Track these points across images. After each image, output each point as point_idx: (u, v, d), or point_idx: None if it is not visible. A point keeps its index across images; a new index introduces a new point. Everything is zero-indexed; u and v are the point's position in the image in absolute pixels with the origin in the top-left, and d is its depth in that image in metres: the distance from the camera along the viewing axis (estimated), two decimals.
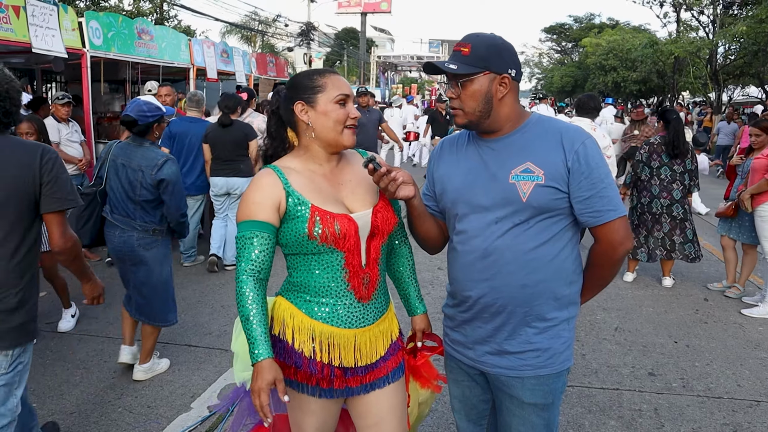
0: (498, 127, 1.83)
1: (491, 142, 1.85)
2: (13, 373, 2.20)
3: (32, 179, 2.17)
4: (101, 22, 7.55)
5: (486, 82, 1.77)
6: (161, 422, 3.30)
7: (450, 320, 2.01)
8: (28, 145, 2.24)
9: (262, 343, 1.71)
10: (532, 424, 1.88)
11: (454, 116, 1.85)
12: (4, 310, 2.14)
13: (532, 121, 1.84)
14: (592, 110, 5.54)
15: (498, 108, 1.80)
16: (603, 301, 5.42)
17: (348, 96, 1.85)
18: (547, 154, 1.76)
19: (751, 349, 4.45)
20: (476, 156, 1.87)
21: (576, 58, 47.88)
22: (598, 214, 1.76)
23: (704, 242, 7.77)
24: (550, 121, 1.85)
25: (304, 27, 35.94)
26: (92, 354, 4.11)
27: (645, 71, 28.83)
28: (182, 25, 23.16)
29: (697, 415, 3.49)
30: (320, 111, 1.82)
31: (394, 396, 1.98)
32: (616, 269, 1.89)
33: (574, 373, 3.95)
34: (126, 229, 3.56)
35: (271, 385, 1.69)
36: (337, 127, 1.83)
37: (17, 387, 2.23)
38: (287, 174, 1.83)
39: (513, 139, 1.82)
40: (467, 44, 1.77)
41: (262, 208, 1.77)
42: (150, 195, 3.54)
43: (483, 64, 1.76)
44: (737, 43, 21.76)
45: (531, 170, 1.75)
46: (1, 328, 2.13)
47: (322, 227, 1.76)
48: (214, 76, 10.87)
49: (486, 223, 1.81)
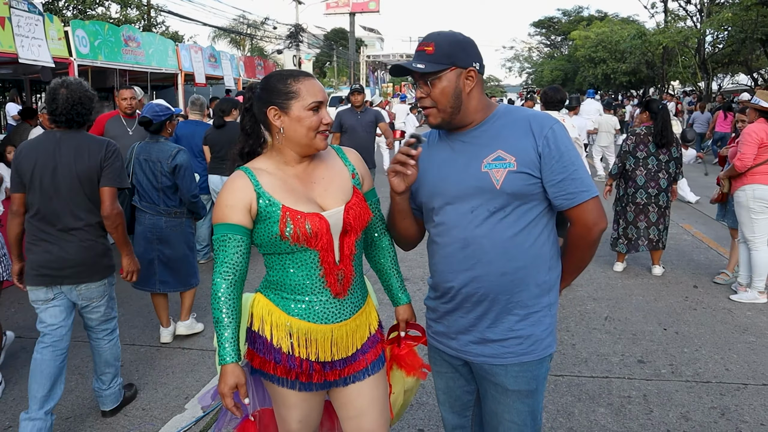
0: (468, 121, 1.87)
1: (461, 135, 1.89)
2: (111, 291, 3.23)
3: (98, 163, 3.01)
4: (87, 31, 7.58)
5: (454, 77, 1.81)
6: (156, 424, 3.33)
7: (432, 312, 2.04)
8: (97, 139, 3.12)
9: (228, 347, 1.79)
10: (517, 411, 1.92)
11: (428, 116, 1.87)
12: (98, 254, 3.09)
13: (500, 112, 1.88)
14: (558, 102, 5.62)
15: (467, 102, 1.84)
16: (593, 291, 5.48)
17: (321, 102, 1.87)
18: (517, 141, 1.80)
19: (740, 334, 4.51)
20: (448, 149, 1.91)
21: (565, 52, 48.04)
22: (572, 196, 1.80)
23: (694, 230, 7.84)
24: (518, 110, 1.89)
25: (293, 29, 35.93)
26: (87, 360, 4.13)
27: (634, 62, 28.96)
28: (170, 31, 23.12)
29: (685, 399, 3.54)
30: (293, 117, 1.84)
31: (375, 388, 2.02)
32: (593, 250, 1.92)
33: (564, 363, 4.00)
34: (153, 214, 4.23)
35: (234, 389, 1.77)
36: (310, 134, 1.85)
37: (114, 301, 3.31)
38: (258, 175, 1.86)
39: (483, 130, 1.86)
40: (430, 43, 1.81)
41: (234, 210, 1.81)
42: (168, 181, 4.20)
43: (449, 61, 1.79)
44: (725, 31, 21.87)
45: (503, 158, 1.79)
46: (99, 266, 3.10)
47: (294, 227, 1.79)
48: (203, 80, 10.90)
49: (463, 214, 1.84)
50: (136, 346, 4.39)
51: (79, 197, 3.01)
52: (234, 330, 1.81)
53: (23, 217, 3.07)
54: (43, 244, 3.01)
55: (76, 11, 18.26)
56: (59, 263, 3.00)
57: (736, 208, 5.25)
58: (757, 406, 3.46)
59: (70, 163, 2.98)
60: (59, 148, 3.00)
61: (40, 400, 2.98)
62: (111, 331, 3.29)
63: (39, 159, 2.99)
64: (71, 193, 2.99)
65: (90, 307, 3.15)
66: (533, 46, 58.16)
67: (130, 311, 5.08)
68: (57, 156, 2.99)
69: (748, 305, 5.08)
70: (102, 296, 3.16)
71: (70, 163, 2.98)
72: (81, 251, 3.03)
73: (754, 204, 5.09)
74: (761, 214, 5.10)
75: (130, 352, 4.29)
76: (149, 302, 5.23)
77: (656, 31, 25.16)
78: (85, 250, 3.04)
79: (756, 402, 3.51)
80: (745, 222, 5.17)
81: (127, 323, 4.81)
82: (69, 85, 3.02)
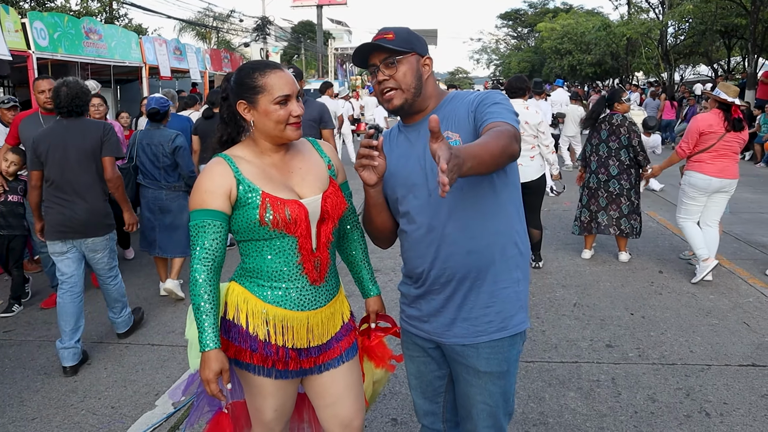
0: (425, 106, 1.92)
1: (415, 126, 1.94)
2: (112, 245, 4.07)
3: (99, 140, 3.87)
4: (46, 23, 7.37)
5: (414, 61, 1.87)
6: (125, 422, 3.28)
7: (405, 297, 2.06)
8: (96, 123, 4.09)
9: (210, 333, 1.77)
10: (489, 392, 1.94)
11: (390, 100, 1.87)
12: (101, 215, 3.93)
13: (449, 98, 1.95)
14: (520, 90, 5.76)
15: (425, 87, 1.90)
16: (562, 278, 5.56)
17: (289, 95, 1.85)
18: (459, 118, 1.85)
19: (703, 317, 4.62)
20: (405, 141, 1.96)
21: (532, 44, 48.49)
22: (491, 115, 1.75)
23: (659, 217, 8.01)
24: (465, 93, 1.95)
25: (260, 22, 35.53)
26: (53, 359, 4.05)
27: (599, 54, 29.39)
28: (133, 24, 22.66)
29: (652, 381, 3.62)
30: (261, 111, 1.84)
31: (349, 374, 2.02)
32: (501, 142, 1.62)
33: (535, 349, 4.05)
34: (155, 188, 5.04)
35: (218, 375, 1.75)
36: (279, 127, 1.85)
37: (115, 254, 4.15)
38: (238, 162, 1.86)
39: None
40: (390, 32, 1.86)
41: (213, 196, 1.79)
42: (169, 161, 4.98)
43: (409, 47, 1.86)
44: (686, 22, 22.33)
45: (449, 137, 1.83)
46: (102, 224, 3.94)
47: (273, 213, 1.80)
48: (168, 74, 10.71)
49: (424, 199, 1.87)
50: (104, 344, 4.31)
51: (84, 169, 3.85)
52: (215, 316, 1.79)
53: (41, 189, 3.94)
54: (57, 207, 3.84)
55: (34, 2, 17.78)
56: (71, 222, 3.83)
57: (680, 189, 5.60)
58: (720, 386, 3.56)
59: (76, 142, 3.83)
60: (67, 132, 3.85)
61: (69, 333, 3.82)
62: (114, 276, 4.15)
63: (52, 141, 3.82)
64: (79, 166, 3.83)
65: (96, 258, 3.99)
66: (500, 38, 58.64)
67: (97, 309, 4.99)
68: (66, 138, 3.83)
69: (711, 289, 5.22)
70: (105, 249, 4.00)
71: (76, 143, 3.83)
72: (87, 212, 3.86)
73: (688, 189, 5.42)
74: (692, 200, 5.43)
75: (98, 349, 4.22)
76: None
77: (620, 23, 25.59)
78: (91, 211, 3.87)
79: (719, 382, 3.60)
80: (678, 204, 5.58)
81: (94, 320, 4.72)
82: (68, 83, 3.84)
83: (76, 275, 3.89)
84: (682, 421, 3.20)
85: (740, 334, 4.30)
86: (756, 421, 3.19)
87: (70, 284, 3.87)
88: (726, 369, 3.77)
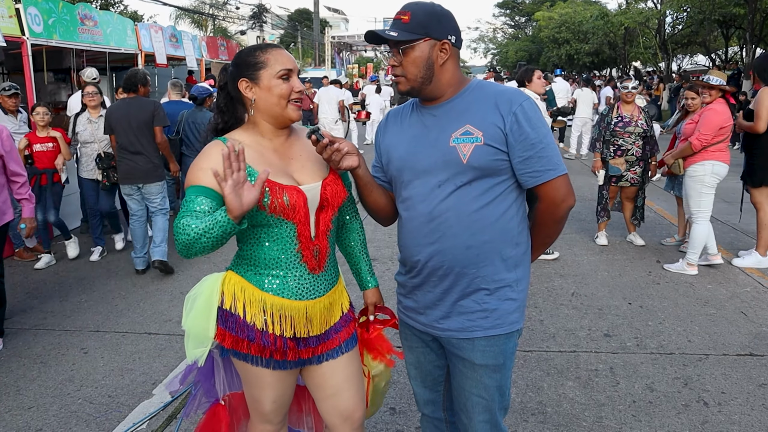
0: (440, 93, 1.85)
1: (433, 109, 1.87)
2: (164, 190, 5.54)
3: (151, 114, 5.34)
4: (40, 9, 7.28)
5: (427, 48, 1.79)
6: (123, 411, 3.27)
7: (402, 287, 2.03)
8: (147, 101, 5.52)
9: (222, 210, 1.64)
10: (485, 385, 1.92)
11: (397, 84, 1.85)
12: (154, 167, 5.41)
13: (472, 86, 1.87)
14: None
15: (439, 74, 1.82)
16: (560, 267, 5.55)
17: (291, 70, 1.85)
18: (484, 116, 1.79)
19: (701, 306, 4.63)
20: (419, 124, 1.90)
21: (530, 33, 48.28)
22: (537, 174, 1.79)
23: (656, 207, 8.01)
24: (489, 86, 1.87)
25: (256, 9, 35.30)
26: (49, 348, 4.03)
27: (597, 43, 29.28)
28: (128, 11, 22.47)
29: (650, 371, 3.62)
30: (264, 87, 1.83)
31: (349, 366, 2.00)
32: (560, 226, 1.92)
33: (533, 338, 4.05)
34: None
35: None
36: (281, 102, 1.83)
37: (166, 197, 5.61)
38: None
39: (453, 104, 1.84)
40: (407, 12, 1.79)
41: (207, 174, 1.74)
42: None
43: (423, 31, 1.78)
44: (684, 12, 22.25)
45: (470, 132, 1.78)
46: (154, 174, 5.41)
47: (272, 198, 1.77)
48: (164, 61, 10.62)
49: (430, 188, 1.83)
50: (100, 333, 4.29)
51: (142, 133, 5.30)
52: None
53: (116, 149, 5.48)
54: (124, 161, 5.35)
55: None
56: (133, 171, 5.34)
57: (687, 181, 5.46)
58: (717, 375, 3.56)
59: (136, 114, 5.30)
60: (130, 107, 5.36)
61: (140, 248, 5.53)
62: (165, 212, 5.57)
63: (121, 113, 5.33)
64: (138, 132, 5.29)
65: (151, 198, 5.48)
66: (498, 27, 58.35)
67: (94, 297, 4.97)
68: (129, 111, 5.32)
69: (709, 278, 5.22)
70: (158, 193, 5.48)
71: (136, 114, 5.30)
72: (144, 165, 5.34)
73: (710, 179, 5.32)
74: (711, 189, 5.35)
75: (95, 338, 4.20)
76: (113, 288, 5.23)
77: (618, 12, 25.49)
78: (146, 165, 5.35)
79: (717, 371, 3.61)
80: (693, 195, 5.38)
81: (91, 309, 4.70)
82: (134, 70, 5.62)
83: (141, 210, 5.52)
84: (680, 410, 3.20)
85: (738, 323, 4.30)
86: (754, 410, 3.19)
87: (138, 216, 5.52)
88: (724, 358, 3.78)
